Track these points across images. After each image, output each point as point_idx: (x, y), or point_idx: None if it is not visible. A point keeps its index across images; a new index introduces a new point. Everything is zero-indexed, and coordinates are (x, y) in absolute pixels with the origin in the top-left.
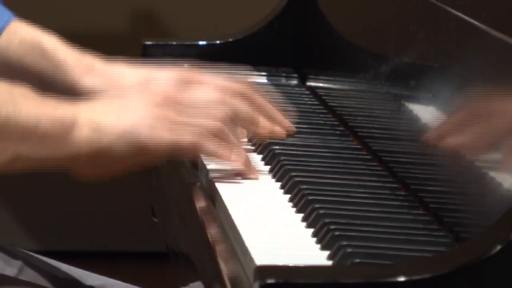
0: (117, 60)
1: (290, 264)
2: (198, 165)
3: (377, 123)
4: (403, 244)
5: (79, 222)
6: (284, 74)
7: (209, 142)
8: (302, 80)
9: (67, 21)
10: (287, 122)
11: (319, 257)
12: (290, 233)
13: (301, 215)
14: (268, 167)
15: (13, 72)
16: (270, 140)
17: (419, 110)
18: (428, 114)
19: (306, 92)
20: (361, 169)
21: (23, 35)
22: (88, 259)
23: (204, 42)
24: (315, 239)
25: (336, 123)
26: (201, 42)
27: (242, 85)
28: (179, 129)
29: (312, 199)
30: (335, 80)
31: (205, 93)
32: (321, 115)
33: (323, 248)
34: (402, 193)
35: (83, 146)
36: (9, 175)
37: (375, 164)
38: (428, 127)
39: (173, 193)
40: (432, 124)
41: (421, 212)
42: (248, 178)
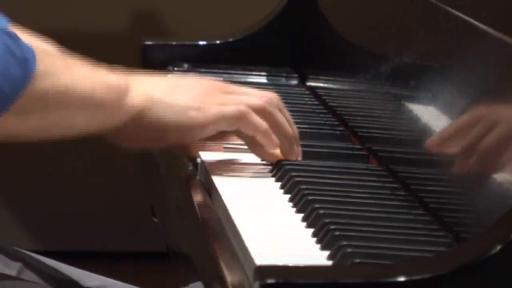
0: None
1: (290, 264)
2: (199, 165)
3: (377, 123)
4: (403, 244)
5: (79, 222)
6: (284, 74)
7: (255, 115)
8: (302, 80)
9: (67, 21)
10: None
11: (319, 257)
12: (290, 233)
13: (301, 215)
14: (268, 167)
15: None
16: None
17: (419, 110)
18: (428, 114)
19: (306, 92)
20: (361, 169)
21: None
22: (88, 259)
23: (204, 42)
24: (315, 239)
25: (336, 123)
26: (201, 42)
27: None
28: (227, 104)
29: (312, 199)
30: (335, 80)
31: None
32: (321, 115)
33: (323, 248)
34: (402, 193)
35: (135, 113)
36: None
37: (375, 164)
38: (428, 127)
39: (173, 193)
40: (432, 124)
41: (421, 212)
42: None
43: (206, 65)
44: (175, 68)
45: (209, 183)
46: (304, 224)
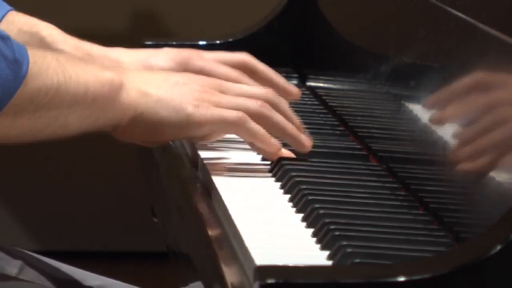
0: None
1: (290, 264)
2: (198, 165)
3: (377, 123)
4: (403, 244)
5: (79, 222)
6: (284, 74)
7: (252, 122)
8: (302, 80)
9: (67, 21)
10: (292, 87)
11: (319, 257)
12: (290, 233)
13: (301, 215)
14: (268, 167)
15: None
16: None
17: (419, 110)
18: (428, 114)
19: (306, 92)
20: (361, 169)
21: (21, 25)
22: (88, 259)
23: (204, 42)
24: (315, 239)
25: (336, 123)
26: (201, 42)
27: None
28: (224, 106)
29: (312, 199)
30: (335, 80)
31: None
32: (321, 115)
33: (323, 248)
34: (402, 193)
35: (129, 109)
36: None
37: (375, 164)
38: (428, 127)
39: (173, 193)
40: (432, 124)
41: (421, 212)
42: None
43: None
44: None
45: (209, 183)
46: (304, 224)
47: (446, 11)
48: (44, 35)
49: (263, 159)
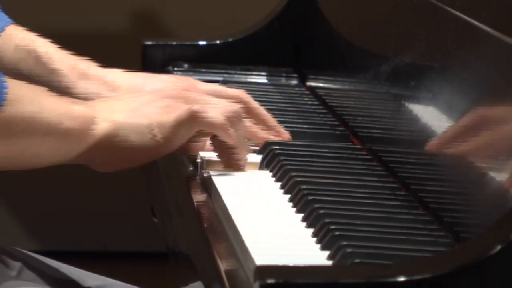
0: (113, 65)
1: (290, 264)
2: (199, 165)
3: (377, 123)
4: (403, 244)
5: (79, 222)
6: (284, 74)
7: (208, 112)
8: (302, 80)
9: (67, 21)
10: (283, 130)
11: (319, 257)
12: (290, 233)
13: (301, 215)
14: (268, 167)
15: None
16: (270, 141)
17: (419, 110)
18: (428, 114)
19: (306, 92)
20: (361, 169)
21: (18, 41)
22: (88, 259)
23: (204, 42)
24: (315, 239)
25: (336, 123)
26: (201, 42)
27: (238, 92)
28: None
29: (312, 199)
30: (335, 80)
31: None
32: (321, 115)
33: (323, 248)
34: (402, 193)
35: (100, 142)
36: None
37: (375, 164)
38: (428, 127)
39: (173, 193)
40: (432, 124)
41: (421, 212)
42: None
43: (206, 65)
44: (175, 68)
45: (209, 183)
46: (304, 224)
47: (446, 11)
48: (41, 53)
49: (263, 159)
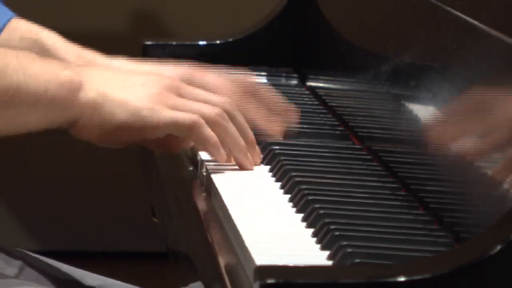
0: (118, 56)
1: (290, 264)
2: (198, 165)
3: (377, 123)
4: (403, 244)
5: (79, 222)
6: (284, 74)
7: (207, 127)
8: (302, 80)
9: (67, 21)
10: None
11: (319, 257)
12: (290, 233)
13: (301, 215)
14: (268, 167)
15: None
16: (270, 140)
17: (419, 110)
18: (428, 114)
19: (306, 92)
20: (361, 169)
21: (23, 32)
22: (88, 259)
23: (204, 42)
24: (315, 239)
25: (336, 123)
26: (201, 42)
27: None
28: (180, 109)
29: (312, 199)
30: (335, 80)
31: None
32: (321, 115)
33: (323, 248)
34: (402, 193)
35: (87, 110)
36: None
37: (375, 164)
38: (428, 127)
39: (173, 193)
40: (432, 124)
41: (421, 212)
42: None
43: (206, 65)
44: None
45: (209, 183)
46: (304, 224)
47: (446, 11)
48: (46, 43)
49: (263, 159)
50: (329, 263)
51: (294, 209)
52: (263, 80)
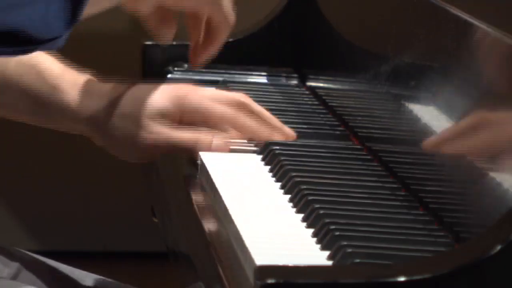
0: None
1: (290, 264)
2: (198, 165)
3: (377, 123)
4: (403, 244)
5: (79, 222)
6: (284, 74)
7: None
8: (302, 80)
9: None
10: (288, 130)
11: (319, 257)
12: (290, 233)
13: (301, 215)
14: (268, 167)
15: (12, 93)
16: (270, 141)
17: (419, 110)
18: (428, 114)
19: (306, 92)
20: (361, 169)
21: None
22: (88, 259)
23: None
24: (315, 239)
25: (336, 123)
26: None
27: (239, 95)
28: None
29: (312, 199)
30: (335, 80)
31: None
32: (321, 115)
33: (323, 248)
34: (402, 193)
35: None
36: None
37: (375, 164)
38: (428, 127)
39: (173, 193)
40: (432, 124)
41: (421, 212)
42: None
43: (206, 65)
44: (175, 68)
45: (209, 183)
46: (304, 224)
47: (446, 11)
48: (42, 69)
49: (263, 159)
50: (329, 263)
51: (294, 209)
52: (263, 80)
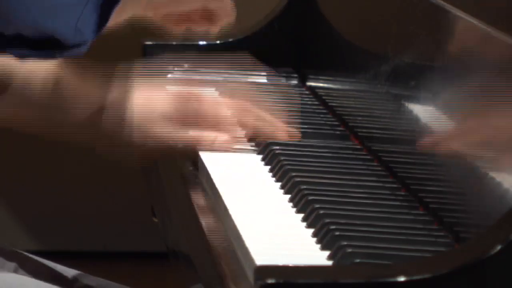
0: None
1: (290, 264)
2: (199, 165)
3: (377, 123)
4: (403, 244)
5: (79, 222)
6: (284, 74)
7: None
8: (302, 80)
9: None
10: (290, 130)
11: (319, 257)
12: (290, 233)
13: (301, 215)
14: (268, 167)
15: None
16: (270, 140)
17: (419, 110)
18: (428, 114)
19: (306, 92)
20: (361, 169)
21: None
22: (88, 259)
23: (204, 42)
24: (315, 239)
25: (336, 123)
26: (201, 42)
27: (240, 97)
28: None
29: (312, 199)
30: (335, 80)
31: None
32: (321, 115)
33: (323, 248)
34: (402, 193)
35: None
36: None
37: (375, 164)
38: (428, 127)
39: (173, 193)
40: (432, 124)
41: (421, 212)
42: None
43: (206, 65)
44: (175, 68)
45: (209, 183)
46: (304, 224)
47: (446, 11)
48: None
49: (263, 159)
50: (329, 263)
51: (294, 209)
52: (263, 80)
